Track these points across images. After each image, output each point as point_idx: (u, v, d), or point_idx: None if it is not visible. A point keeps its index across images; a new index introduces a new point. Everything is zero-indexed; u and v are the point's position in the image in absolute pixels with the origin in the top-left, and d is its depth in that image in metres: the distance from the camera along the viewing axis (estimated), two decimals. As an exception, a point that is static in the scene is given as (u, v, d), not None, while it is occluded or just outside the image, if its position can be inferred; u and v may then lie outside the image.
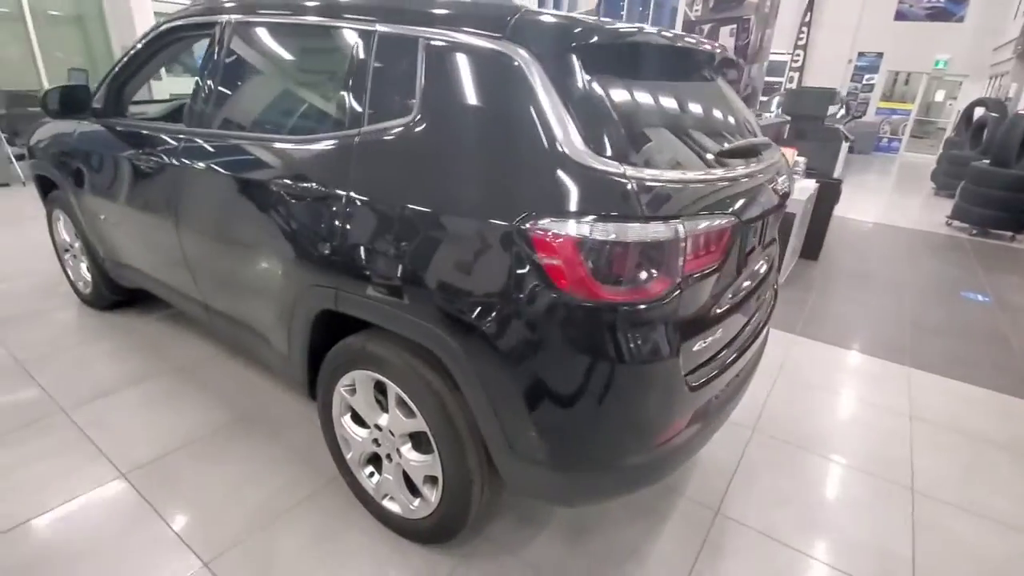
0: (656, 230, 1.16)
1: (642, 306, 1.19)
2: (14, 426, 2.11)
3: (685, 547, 1.76)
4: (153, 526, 1.71)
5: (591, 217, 1.15)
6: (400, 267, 1.38)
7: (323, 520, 1.76)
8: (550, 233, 1.16)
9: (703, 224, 1.25)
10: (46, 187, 2.98)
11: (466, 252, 1.27)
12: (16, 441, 2.03)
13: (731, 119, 1.70)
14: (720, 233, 1.30)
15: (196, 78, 2.00)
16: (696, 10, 3.98)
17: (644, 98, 1.39)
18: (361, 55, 1.51)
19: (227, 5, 1.93)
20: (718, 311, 1.44)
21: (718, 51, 1.71)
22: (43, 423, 2.13)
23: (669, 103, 1.47)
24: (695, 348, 1.35)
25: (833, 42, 14.21)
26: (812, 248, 4.66)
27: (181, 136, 2.04)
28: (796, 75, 14.69)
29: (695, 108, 1.57)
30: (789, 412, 2.54)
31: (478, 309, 1.26)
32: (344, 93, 1.54)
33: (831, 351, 3.19)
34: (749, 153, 1.57)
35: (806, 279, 4.37)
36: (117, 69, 2.42)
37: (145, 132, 2.22)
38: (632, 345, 1.21)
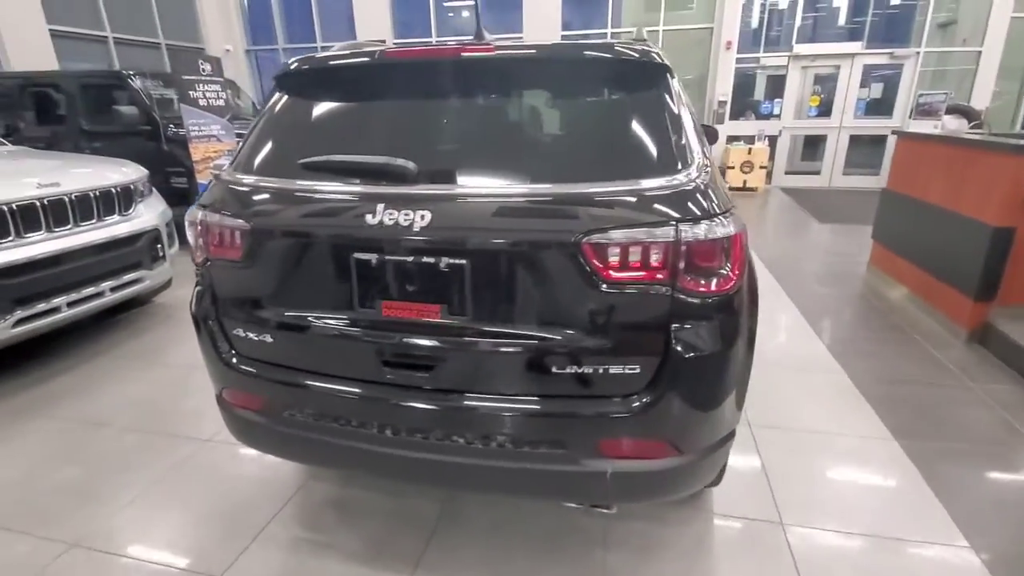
0: (191, 211, 1.63)
1: (199, 268, 1.67)
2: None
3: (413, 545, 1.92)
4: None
5: None
6: None
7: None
8: None
9: (210, 217, 1.55)
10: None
11: None
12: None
13: (468, 141, 1.57)
14: (232, 232, 1.51)
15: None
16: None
17: (292, 117, 1.66)
18: None
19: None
20: (284, 321, 1.54)
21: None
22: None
23: (333, 117, 1.65)
24: (235, 332, 1.62)
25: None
26: None
27: None
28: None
29: (367, 122, 1.61)
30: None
31: None
32: None
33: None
34: (365, 171, 1.44)
35: None
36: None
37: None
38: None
